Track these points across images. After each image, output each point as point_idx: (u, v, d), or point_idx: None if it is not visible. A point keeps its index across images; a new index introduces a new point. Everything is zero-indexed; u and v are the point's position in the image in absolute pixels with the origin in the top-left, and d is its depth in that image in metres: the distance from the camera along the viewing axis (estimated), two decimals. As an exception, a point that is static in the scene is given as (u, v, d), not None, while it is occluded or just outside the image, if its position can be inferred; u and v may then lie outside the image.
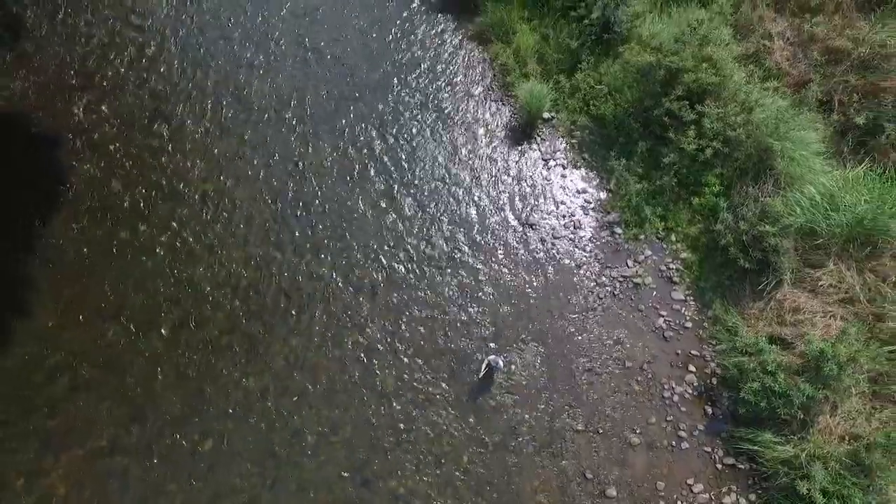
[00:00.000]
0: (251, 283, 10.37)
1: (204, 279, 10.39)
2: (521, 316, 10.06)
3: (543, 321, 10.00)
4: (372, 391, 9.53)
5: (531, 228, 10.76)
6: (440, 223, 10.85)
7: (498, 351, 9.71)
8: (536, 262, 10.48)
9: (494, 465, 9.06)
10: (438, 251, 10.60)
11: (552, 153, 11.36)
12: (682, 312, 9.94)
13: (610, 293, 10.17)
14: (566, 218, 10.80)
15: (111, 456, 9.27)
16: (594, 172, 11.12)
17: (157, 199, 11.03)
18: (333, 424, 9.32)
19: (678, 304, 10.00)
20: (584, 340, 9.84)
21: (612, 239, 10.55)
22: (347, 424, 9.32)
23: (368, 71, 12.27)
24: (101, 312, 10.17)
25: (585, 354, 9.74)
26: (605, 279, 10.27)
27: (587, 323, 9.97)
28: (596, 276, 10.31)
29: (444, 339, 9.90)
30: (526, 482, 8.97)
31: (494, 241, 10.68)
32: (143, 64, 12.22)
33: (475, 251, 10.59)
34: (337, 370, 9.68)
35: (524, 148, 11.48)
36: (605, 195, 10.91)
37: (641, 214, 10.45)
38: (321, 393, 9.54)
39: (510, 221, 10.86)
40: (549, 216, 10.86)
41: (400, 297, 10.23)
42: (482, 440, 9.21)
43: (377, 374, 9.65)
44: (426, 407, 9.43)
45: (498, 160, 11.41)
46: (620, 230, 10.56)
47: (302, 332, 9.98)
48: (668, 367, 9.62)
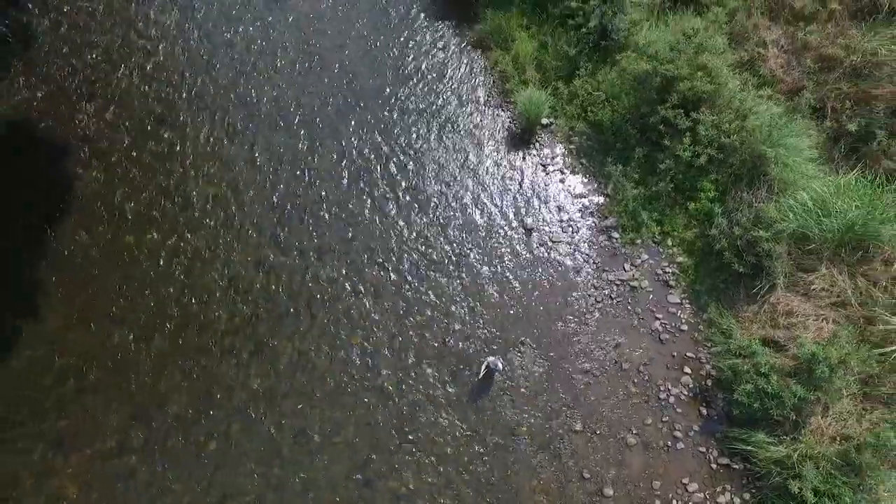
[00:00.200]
0: (256, 286, 10.56)
1: (209, 282, 10.59)
2: (519, 318, 10.26)
3: (542, 324, 10.20)
4: (374, 392, 9.73)
5: (530, 232, 10.96)
6: (441, 227, 11.05)
7: (497, 353, 9.92)
8: (535, 265, 10.68)
9: (494, 464, 9.26)
10: (439, 255, 10.80)
11: (551, 158, 11.56)
12: (678, 315, 10.13)
13: (607, 296, 10.37)
14: (564, 222, 11.00)
15: (119, 457, 9.46)
16: (592, 177, 11.32)
17: (162, 204, 11.22)
18: (337, 425, 9.52)
19: (674, 307, 10.20)
20: (581, 343, 10.04)
21: (609, 243, 10.75)
22: (350, 425, 9.52)
23: (370, 77, 12.47)
24: (108, 315, 10.36)
25: (583, 356, 9.94)
26: (602, 283, 10.47)
27: (585, 326, 10.16)
28: (593, 279, 10.51)
29: (444, 341, 10.10)
30: (525, 482, 9.17)
31: (494, 244, 10.87)
32: (148, 71, 12.42)
33: (475, 255, 10.79)
34: (340, 372, 9.87)
35: (523, 153, 11.68)
36: (602, 200, 11.11)
37: (638, 219, 10.65)
38: (325, 394, 9.73)
39: (509, 225, 11.05)
40: (547, 220, 11.06)
41: (401, 299, 10.42)
42: (482, 441, 9.41)
43: (380, 375, 9.85)
44: (427, 408, 9.63)
45: (497, 165, 11.61)
46: (618, 234, 10.76)
47: (306, 334, 10.18)
48: (664, 368, 9.81)
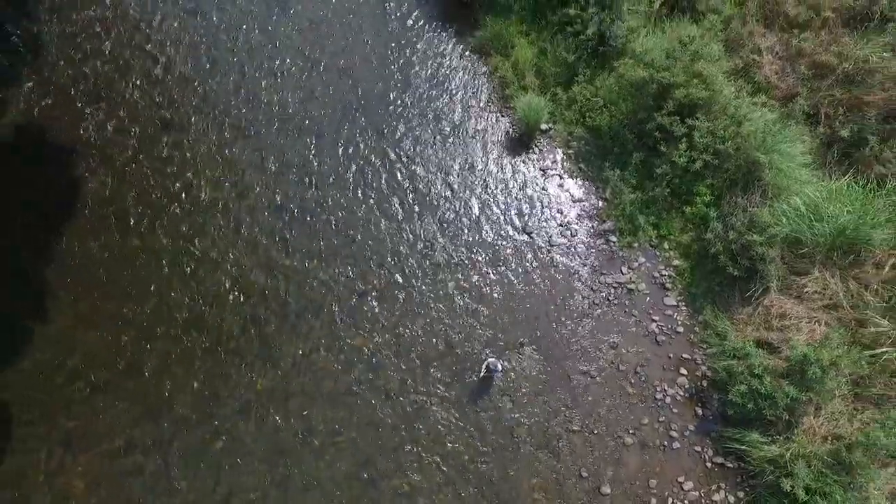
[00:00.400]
0: (261, 288, 10.76)
1: (215, 284, 10.79)
2: (519, 321, 10.46)
3: (541, 325, 10.41)
4: (377, 393, 9.94)
5: (529, 236, 11.16)
6: (442, 231, 11.25)
7: (497, 354, 10.12)
8: (534, 268, 10.88)
9: (494, 464, 9.47)
10: (440, 258, 11.00)
11: (550, 163, 11.76)
12: (674, 317, 10.34)
13: (605, 299, 10.57)
14: (563, 226, 11.20)
15: (126, 455, 9.68)
16: (590, 182, 11.52)
17: (168, 207, 11.42)
18: (340, 425, 9.73)
19: (670, 309, 10.40)
20: (580, 344, 10.24)
21: (607, 246, 10.96)
22: (353, 425, 9.74)
23: (373, 83, 12.67)
24: (115, 317, 10.57)
25: (581, 358, 10.15)
26: (600, 285, 10.67)
27: (583, 327, 10.37)
28: (591, 282, 10.72)
29: (445, 343, 10.30)
30: (524, 480, 9.38)
31: (494, 248, 11.08)
32: (154, 78, 12.62)
33: (476, 258, 10.99)
34: (344, 372, 10.08)
35: (523, 158, 11.88)
36: (600, 204, 11.31)
37: (635, 223, 10.85)
38: (328, 394, 9.94)
39: (509, 229, 11.25)
40: (546, 224, 11.26)
41: (403, 302, 10.62)
42: (482, 440, 9.61)
43: (382, 376, 10.05)
44: (429, 408, 9.83)
45: (497, 170, 11.81)
46: (615, 238, 10.96)
47: (309, 335, 10.39)
48: (660, 370, 10.02)
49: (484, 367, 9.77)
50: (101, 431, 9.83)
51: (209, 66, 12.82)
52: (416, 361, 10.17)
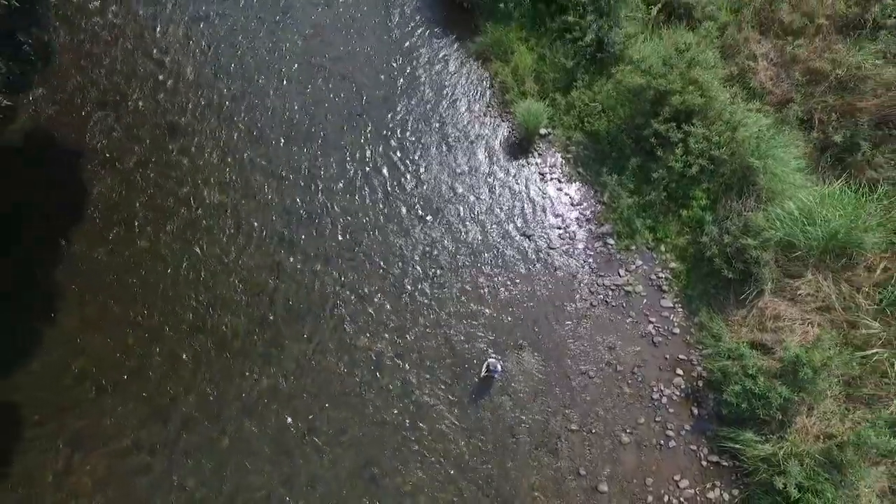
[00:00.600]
0: (266, 290, 10.96)
1: (221, 286, 10.98)
2: (519, 322, 10.67)
3: (540, 327, 10.61)
4: (380, 393, 10.14)
5: (529, 239, 11.37)
6: (442, 234, 11.45)
7: (497, 355, 10.33)
8: (534, 271, 11.09)
9: (494, 462, 9.68)
10: (441, 261, 11.20)
11: (549, 167, 11.97)
12: (670, 319, 10.55)
13: (603, 301, 10.78)
14: (562, 229, 11.41)
15: (134, 454, 9.87)
16: (588, 186, 11.73)
17: (174, 211, 11.62)
18: (343, 424, 9.93)
19: (667, 311, 10.62)
20: (578, 345, 10.45)
21: (605, 249, 11.16)
22: (357, 424, 9.94)
23: (375, 88, 12.87)
24: (122, 319, 10.75)
25: (579, 359, 10.35)
26: (598, 287, 10.88)
27: (581, 329, 10.58)
28: (590, 284, 10.92)
29: (447, 344, 10.51)
30: (523, 479, 9.59)
31: (494, 251, 11.28)
32: (159, 84, 12.81)
33: (476, 261, 11.19)
34: (347, 373, 10.29)
35: (522, 162, 12.09)
36: (598, 208, 11.52)
37: (633, 226, 11.06)
38: (332, 395, 10.14)
39: (509, 233, 11.45)
40: (545, 228, 11.47)
41: (405, 304, 10.83)
42: (482, 439, 9.82)
43: (385, 377, 10.26)
44: (430, 408, 10.04)
45: (497, 174, 12.02)
46: (613, 241, 11.17)
47: (313, 337, 10.58)
48: (657, 370, 10.23)
49: (484, 367, 9.98)
50: (108, 431, 10.02)
51: (215, 72, 13.02)
52: (418, 362, 10.37)
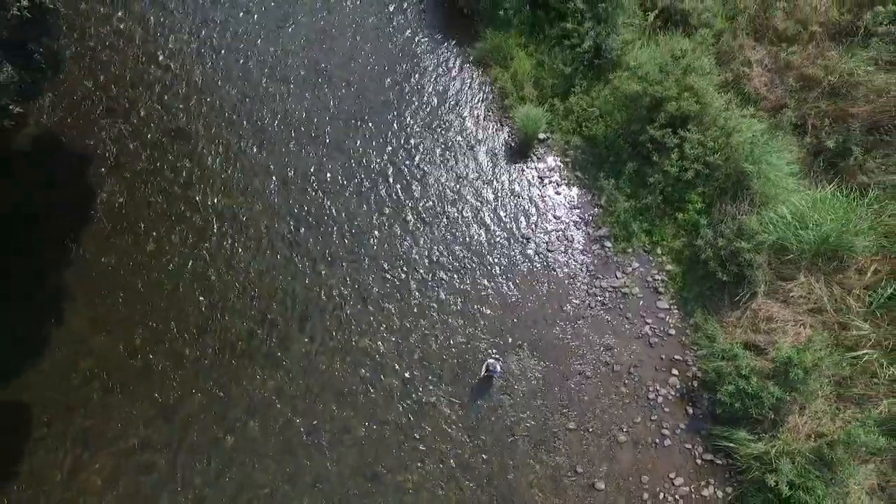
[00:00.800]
0: (269, 292, 11.18)
1: (226, 288, 11.21)
2: (517, 323, 10.89)
3: (539, 328, 10.83)
4: (381, 393, 10.37)
5: (528, 242, 11.59)
6: (442, 237, 11.67)
7: (497, 356, 10.55)
8: (532, 273, 11.31)
9: (493, 460, 9.90)
10: (441, 263, 11.42)
11: (547, 171, 12.19)
12: (666, 320, 10.77)
13: (600, 302, 11.00)
14: (560, 232, 11.63)
15: (141, 453, 10.10)
16: (586, 189, 11.95)
17: (180, 214, 11.84)
18: (345, 423, 10.16)
19: (663, 312, 10.84)
20: (576, 346, 10.67)
21: (602, 252, 11.39)
22: (358, 423, 10.16)
23: (376, 93, 13.09)
24: (129, 320, 10.98)
25: (577, 359, 10.58)
26: (595, 289, 11.10)
27: (579, 330, 10.80)
28: (587, 286, 11.14)
29: (446, 345, 10.73)
30: (522, 476, 9.81)
31: (494, 253, 11.50)
32: (165, 89, 13.04)
33: (475, 263, 11.41)
34: (349, 373, 10.51)
35: (521, 166, 12.31)
36: (596, 211, 11.74)
37: (629, 229, 11.28)
38: (334, 394, 10.36)
39: (508, 235, 11.67)
40: (544, 230, 11.69)
41: (406, 306, 11.05)
42: (482, 438, 10.04)
43: (386, 377, 10.48)
44: (430, 408, 10.26)
45: (496, 178, 12.24)
46: (610, 244, 11.39)
47: (316, 338, 10.81)
48: (653, 370, 10.45)
49: (484, 367, 10.19)
50: (116, 430, 10.24)
51: (220, 78, 13.23)
52: (419, 363, 10.59)
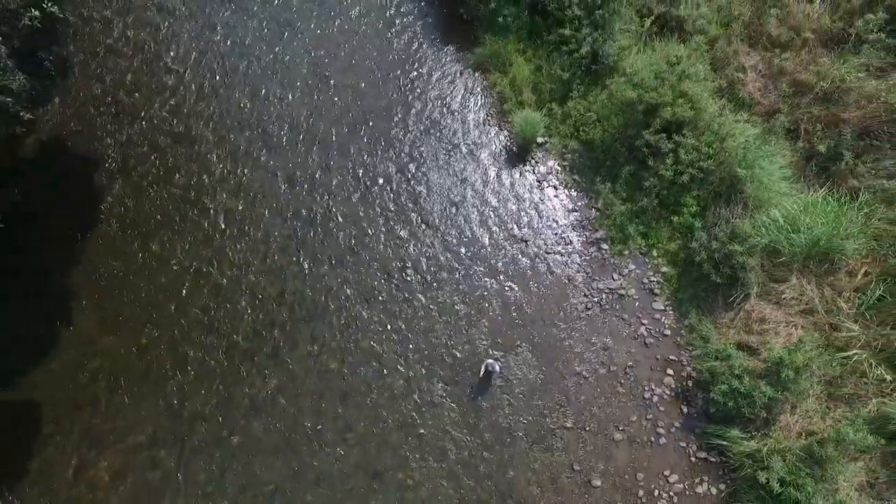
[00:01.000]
0: (273, 293, 11.42)
1: (230, 289, 11.45)
2: (516, 324, 11.12)
3: (537, 329, 11.06)
4: (382, 392, 10.60)
5: (526, 244, 11.81)
6: (442, 239, 11.90)
7: (496, 356, 10.78)
8: (531, 275, 11.53)
9: (492, 458, 10.13)
10: (440, 265, 11.65)
11: (545, 175, 12.42)
12: (661, 321, 11.00)
13: (597, 303, 11.23)
14: (558, 235, 11.85)
15: (148, 450, 10.35)
16: (583, 193, 12.17)
17: (185, 217, 12.08)
18: (348, 422, 10.40)
19: (658, 313, 11.06)
20: (573, 347, 10.90)
21: (599, 254, 11.61)
22: (360, 422, 10.40)
23: (378, 98, 13.31)
24: (136, 320, 11.23)
25: (575, 359, 10.80)
26: (592, 291, 11.32)
27: (576, 331, 11.03)
28: (584, 287, 11.37)
29: (447, 345, 10.96)
30: (520, 474, 10.04)
31: (493, 255, 11.72)
32: (171, 95, 13.27)
33: (475, 265, 11.64)
34: (351, 373, 10.75)
35: (520, 170, 12.53)
36: (593, 214, 11.96)
37: (626, 232, 11.50)
38: (336, 394, 10.60)
39: (507, 238, 11.90)
40: (542, 233, 11.91)
41: (407, 307, 11.28)
42: (481, 436, 10.28)
43: (387, 377, 10.72)
44: (431, 407, 10.50)
45: (496, 182, 12.46)
46: (607, 246, 11.61)
47: (319, 338, 11.05)
48: (648, 370, 10.68)
49: (483, 367, 10.43)
50: (123, 428, 10.50)
51: (224, 83, 13.45)
52: (419, 363, 10.83)
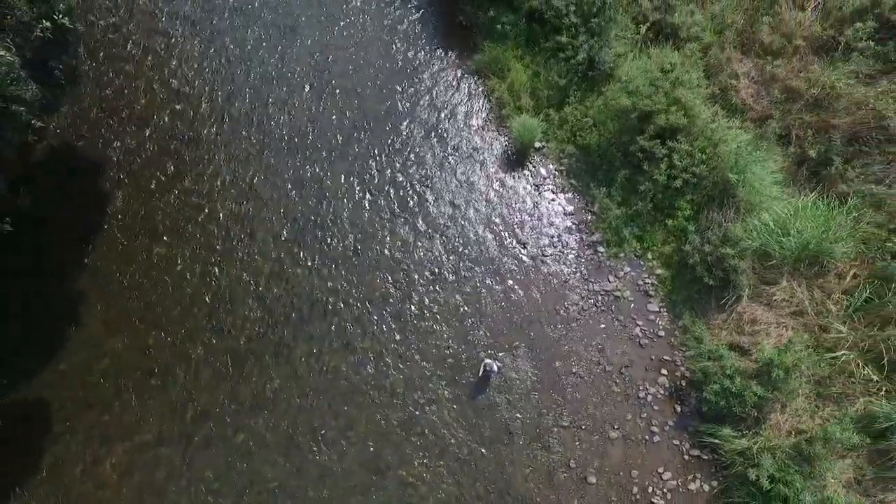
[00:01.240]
0: (276, 294, 11.68)
1: (234, 291, 11.71)
2: (514, 325, 11.38)
3: (534, 330, 11.33)
4: (383, 392, 10.87)
5: (524, 247, 12.08)
6: (441, 242, 12.16)
7: (494, 356, 11.04)
8: (528, 277, 11.80)
9: (490, 456, 10.40)
10: (441, 267, 11.91)
11: (542, 179, 12.68)
12: (656, 322, 11.26)
13: (593, 305, 11.49)
14: (555, 238, 12.12)
15: (154, 448, 10.63)
16: (580, 196, 12.43)
17: (190, 219, 12.34)
18: (350, 420, 10.67)
19: (653, 315, 11.33)
20: (569, 347, 11.16)
21: (595, 257, 11.87)
22: (362, 421, 10.67)
23: (378, 103, 13.57)
24: (142, 321, 11.49)
25: (571, 359, 11.07)
26: (588, 292, 11.59)
27: (572, 331, 11.29)
28: (580, 289, 11.63)
29: (446, 345, 11.22)
30: (518, 471, 10.31)
31: (491, 258, 11.98)
32: (176, 101, 13.53)
33: (474, 267, 11.90)
34: (353, 373, 11.02)
35: (518, 174, 12.79)
36: (589, 217, 12.22)
37: (621, 235, 11.77)
38: (339, 393, 10.87)
39: (505, 241, 12.16)
40: (539, 236, 12.17)
41: (407, 308, 11.54)
42: (479, 435, 10.54)
43: (388, 376, 10.99)
44: (431, 405, 10.77)
45: (494, 186, 12.72)
46: (603, 249, 11.88)
47: (321, 339, 11.31)
48: (643, 370, 10.94)
49: (482, 367, 10.70)
50: (130, 426, 10.77)
51: (229, 90, 13.68)
52: (419, 363, 11.09)
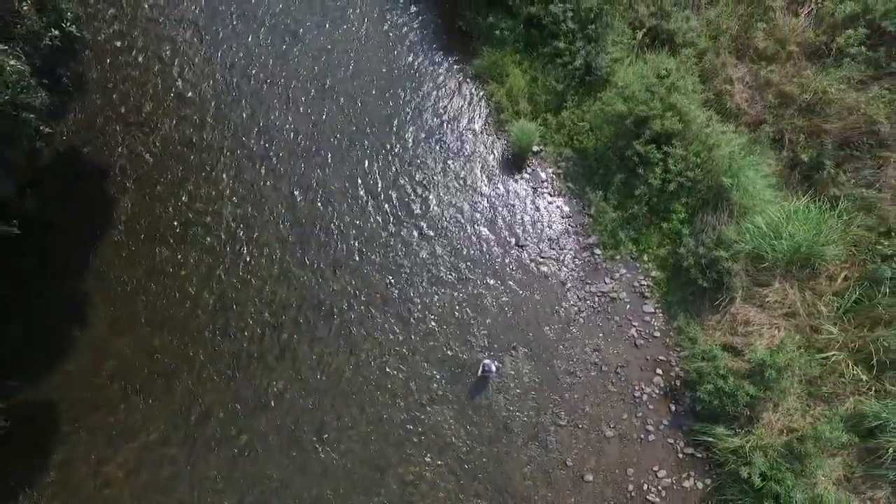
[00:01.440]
0: (279, 297, 11.88)
1: (238, 293, 11.90)
2: (512, 326, 11.60)
3: (532, 331, 11.55)
4: (384, 392, 11.09)
5: (522, 249, 12.29)
6: (441, 244, 12.36)
7: (492, 356, 11.26)
8: (526, 278, 12.01)
9: (489, 454, 10.63)
10: (441, 269, 12.12)
11: (540, 182, 12.88)
12: (651, 323, 11.49)
13: (589, 306, 11.71)
14: (552, 240, 12.33)
15: (160, 447, 10.84)
16: (577, 200, 12.64)
17: (193, 223, 12.53)
18: (351, 420, 10.89)
19: (648, 316, 11.55)
20: (566, 347, 11.39)
21: (591, 259, 12.09)
22: (363, 420, 10.89)
23: (379, 107, 13.74)
24: (148, 324, 11.69)
25: (568, 360, 11.30)
26: (585, 294, 11.81)
27: (569, 332, 11.51)
28: (577, 291, 11.85)
29: (446, 346, 11.44)
30: (516, 469, 10.54)
31: (490, 260, 12.19)
32: (181, 105, 13.70)
33: (474, 269, 12.10)
34: (354, 374, 11.23)
35: (516, 177, 12.99)
36: (586, 220, 12.43)
37: (617, 237, 11.98)
38: (340, 393, 11.09)
39: (504, 244, 12.36)
40: (537, 239, 12.38)
41: (407, 309, 11.76)
42: (479, 433, 10.77)
43: (389, 377, 11.20)
44: (431, 405, 10.99)
45: (492, 189, 12.92)
46: (599, 251, 12.09)
47: (323, 340, 11.52)
48: (638, 370, 11.17)
49: (480, 368, 10.92)
50: (136, 427, 10.98)
51: (233, 95, 13.81)
52: (420, 363, 11.31)
